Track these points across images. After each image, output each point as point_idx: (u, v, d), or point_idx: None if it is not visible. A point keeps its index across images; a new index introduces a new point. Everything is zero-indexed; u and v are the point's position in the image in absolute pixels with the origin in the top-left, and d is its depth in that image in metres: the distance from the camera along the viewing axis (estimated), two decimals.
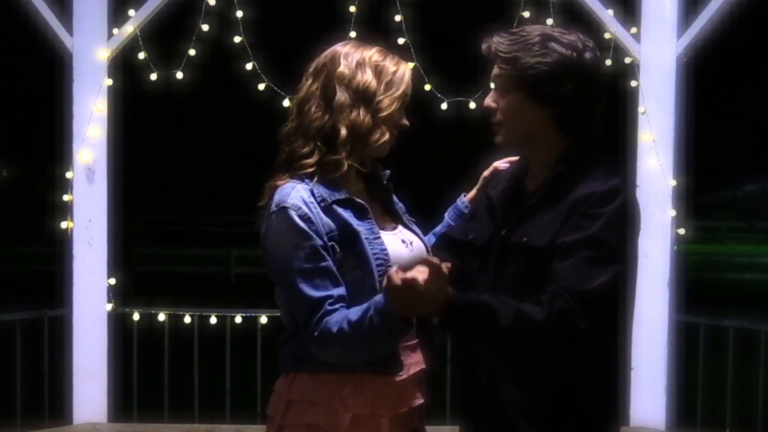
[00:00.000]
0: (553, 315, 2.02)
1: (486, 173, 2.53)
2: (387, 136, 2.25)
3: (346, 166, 2.21)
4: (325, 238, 2.15)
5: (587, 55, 2.17)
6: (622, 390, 2.33)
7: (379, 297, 2.05)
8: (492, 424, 2.23)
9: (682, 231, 5.06)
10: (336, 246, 2.16)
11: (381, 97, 2.23)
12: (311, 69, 2.30)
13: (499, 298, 2.06)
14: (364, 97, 2.22)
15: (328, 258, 2.14)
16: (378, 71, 2.25)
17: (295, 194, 2.17)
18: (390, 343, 2.11)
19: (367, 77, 2.23)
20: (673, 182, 5.00)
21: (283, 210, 2.15)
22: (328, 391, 2.19)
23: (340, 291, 2.14)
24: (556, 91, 2.14)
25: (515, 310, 2.02)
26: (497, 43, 2.19)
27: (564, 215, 2.13)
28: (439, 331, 2.14)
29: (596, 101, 2.22)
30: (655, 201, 4.98)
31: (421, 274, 1.94)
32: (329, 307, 2.11)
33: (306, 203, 2.16)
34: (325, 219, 2.17)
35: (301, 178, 2.21)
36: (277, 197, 2.19)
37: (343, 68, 2.24)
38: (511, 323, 2.01)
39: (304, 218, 2.14)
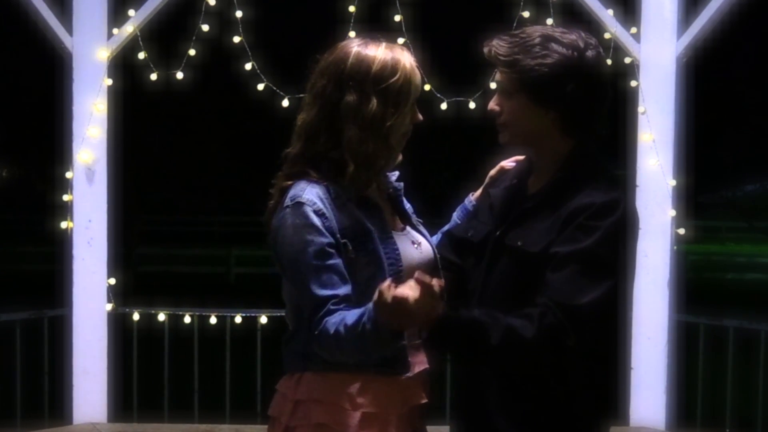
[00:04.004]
0: (542, 332, 2.01)
1: (493, 172, 2.49)
2: (401, 156, 2.24)
3: (354, 196, 2.19)
4: (338, 235, 2.13)
5: (589, 53, 2.14)
6: (614, 394, 2.31)
7: (372, 304, 2.03)
8: (475, 426, 2.23)
9: (682, 231, 5.06)
10: (349, 244, 2.14)
11: (391, 122, 2.17)
12: (314, 90, 2.21)
13: (490, 314, 2.05)
14: (372, 127, 2.16)
15: (338, 256, 2.13)
16: (383, 94, 2.16)
17: (311, 190, 2.15)
18: (382, 351, 2.08)
19: (372, 105, 2.15)
20: (673, 182, 5.00)
21: (298, 204, 2.13)
22: (336, 389, 2.17)
23: (346, 290, 2.12)
24: (558, 93, 2.12)
25: (505, 327, 2.01)
26: (497, 46, 2.16)
27: (560, 224, 2.11)
28: (427, 347, 2.13)
29: (600, 101, 2.19)
30: (655, 201, 4.98)
31: (412, 291, 1.92)
32: (332, 307, 2.09)
33: (321, 199, 2.14)
34: (339, 216, 2.15)
35: (315, 180, 2.18)
36: (291, 192, 2.16)
37: (347, 99, 2.15)
38: (501, 341, 2.00)
39: (319, 213, 2.12)
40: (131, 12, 5.00)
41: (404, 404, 2.24)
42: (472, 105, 5.00)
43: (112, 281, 5.10)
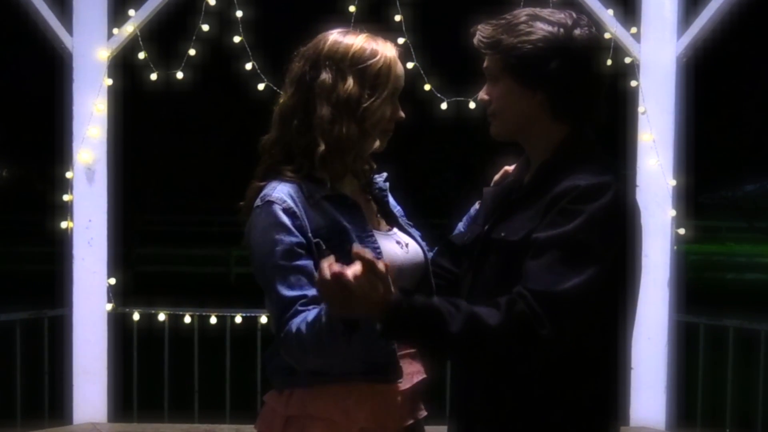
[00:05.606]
0: (510, 320, 1.83)
1: (497, 177, 2.36)
2: (377, 143, 2.13)
3: (329, 186, 2.10)
4: (310, 235, 2.03)
5: (577, 31, 1.98)
6: (613, 404, 2.08)
7: None
8: (462, 430, 2.13)
9: (682, 231, 5.06)
10: (322, 243, 2.03)
11: (366, 104, 2.08)
12: (292, 74, 2.14)
13: (452, 301, 1.87)
14: (346, 108, 2.07)
15: (308, 257, 2.02)
16: (360, 74, 2.08)
17: (282, 188, 2.06)
18: (337, 346, 1.91)
19: (348, 85, 2.07)
20: (673, 182, 5.00)
21: (267, 204, 2.04)
22: (331, 404, 2.07)
23: (315, 291, 1.97)
24: (542, 71, 1.96)
25: (467, 315, 1.83)
26: (482, 29, 2.05)
27: (543, 209, 1.94)
28: (382, 338, 1.91)
29: (591, 82, 2.02)
30: (655, 201, 4.98)
31: (351, 268, 1.77)
32: (300, 308, 1.98)
33: (292, 197, 2.05)
34: (313, 215, 2.05)
35: (288, 180, 2.10)
36: (263, 192, 2.08)
37: (323, 78, 2.07)
38: (462, 328, 1.81)
39: (289, 212, 2.03)
40: (131, 12, 5.00)
41: (404, 417, 2.17)
42: (472, 105, 5.00)
43: (112, 281, 5.10)
